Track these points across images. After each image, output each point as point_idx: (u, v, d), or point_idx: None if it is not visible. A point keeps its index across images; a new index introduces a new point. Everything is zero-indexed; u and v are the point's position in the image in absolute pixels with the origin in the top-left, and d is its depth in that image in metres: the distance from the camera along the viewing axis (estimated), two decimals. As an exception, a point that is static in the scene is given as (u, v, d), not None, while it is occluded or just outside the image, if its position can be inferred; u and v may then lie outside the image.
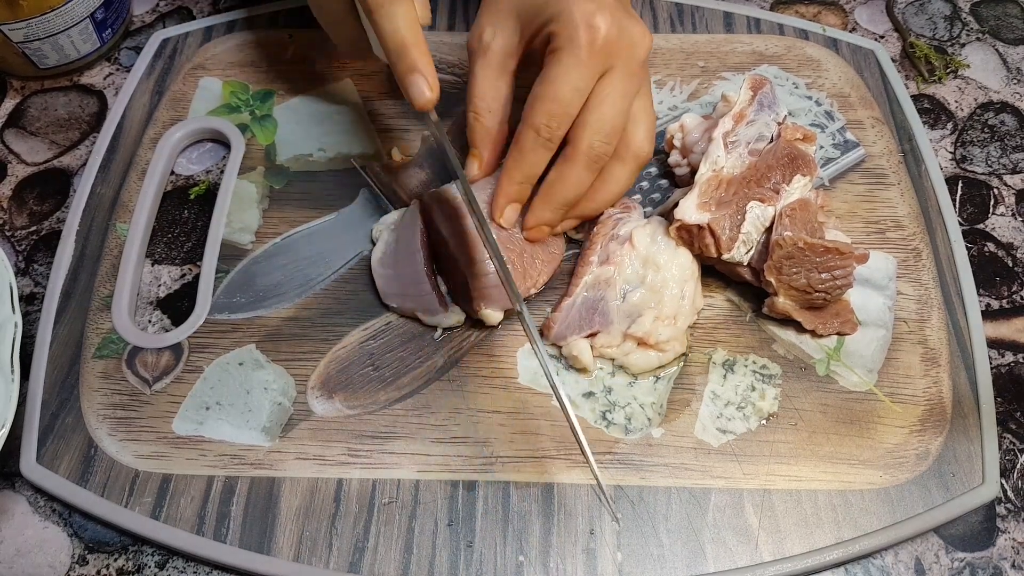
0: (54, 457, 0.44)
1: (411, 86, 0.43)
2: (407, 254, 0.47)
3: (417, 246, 0.46)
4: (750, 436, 0.44)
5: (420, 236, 0.47)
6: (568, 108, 0.43)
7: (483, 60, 0.45)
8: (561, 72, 0.42)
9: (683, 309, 0.45)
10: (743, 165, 0.47)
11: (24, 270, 0.52)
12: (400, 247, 0.48)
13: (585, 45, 0.41)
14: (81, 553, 0.43)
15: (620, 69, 0.43)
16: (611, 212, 0.48)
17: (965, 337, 0.47)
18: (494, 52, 0.44)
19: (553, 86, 0.42)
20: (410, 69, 0.43)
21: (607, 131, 0.43)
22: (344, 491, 0.43)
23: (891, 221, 0.51)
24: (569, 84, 0.42)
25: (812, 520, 0.42)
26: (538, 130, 0.43)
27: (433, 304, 0.46)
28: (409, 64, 0.43)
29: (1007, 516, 0.44)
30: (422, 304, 0.46)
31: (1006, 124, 0.58)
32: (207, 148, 0.56)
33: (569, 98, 0.42)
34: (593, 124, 0.43)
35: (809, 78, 0.57)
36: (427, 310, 0.46)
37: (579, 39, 0.41)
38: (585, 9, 0.42)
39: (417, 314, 0.47)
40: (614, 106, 0.43)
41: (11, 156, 0.57)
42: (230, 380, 0.46)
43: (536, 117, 0.43)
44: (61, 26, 0.56)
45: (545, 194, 0.45)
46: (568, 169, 0.44)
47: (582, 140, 0.43)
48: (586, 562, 0.41)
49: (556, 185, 0.45)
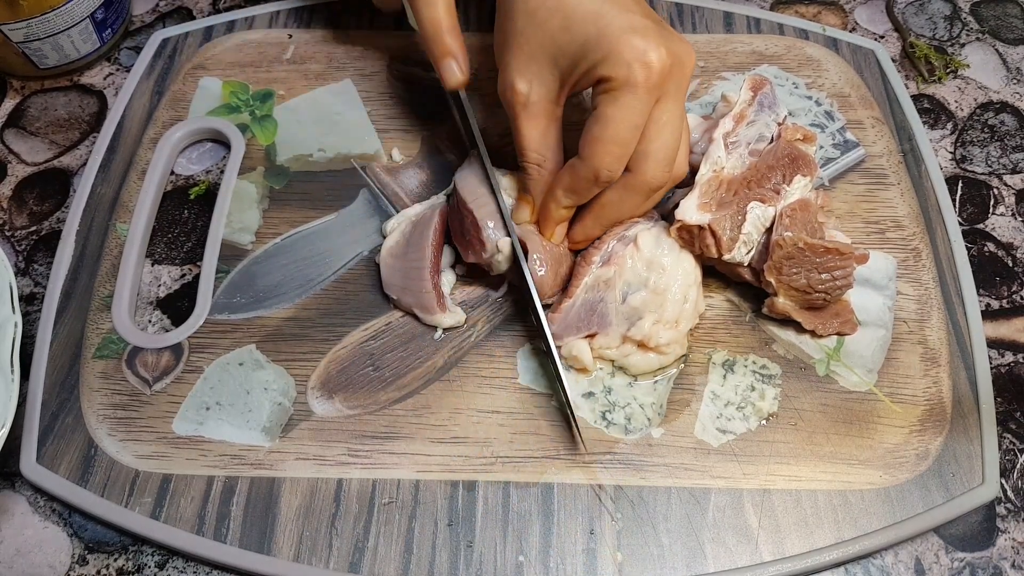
0: (54, 457, 0.44)
1: (444, 68, 0.47)
2: (417, 248, 0.47)
3: (428, 242, 0.47)
4: (750, 436, 0.44)
5: (434, 234, 0.47)
6: (628, 148, 0.42)
7: (526, 112, 0.43)
8: (619, 112, 0.40)
9: (685, 313, 0.45)
10: (743, 165, 0.47)
11: (24, 270, 0.52)
12: (413, 240, 0.48)
13: (642, 83, 0.40)
14: (81, 553, 0.43)
15: (672, 93, 0.42)
16: None
17: (965, 337, 0.47)
18: (535, 103, 0.43)
19: (612, 127, 0.41)
20: (444, 53, 0.47)
21: (669, 160, 0.43)
22: (344, 491, 0.43)
23: (891, 221, 0.51)
24: (629, 123, 0.41)
25: (812, 520, 0.42)
26: (599, 174, 0.42)
27: (431, 303, 0.46)
28: (444, 48, 0.47)
29: (1007, 516, 0.44)
30: (420, 301, 0.46)
31: (1006, 124, 0.58)
32: (207, 148, 0.56)
33: (630, 138, 0.41)
34: (655, 155, 0.42)
35: (809, 78, 0.57)
36: (424, 308, 0.46)
37: (635, 78, 0.40)
38: (634, 46, 0.40)
39: (415, 311, 0.47)
40: (673, 133, 0.43)
41: (11, 156, 0.57)
42: (230, 380, 0.46)
43: (597, 161, 0.41)
44: (61, 26, 0.56)
45: (597, 216, 0.45)
46: (627, 198, 0.44)
47: (646, 172, 0.43)
48: (586, 562, 0.41)
49: (610, 209, 0.45)
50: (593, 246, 0.47)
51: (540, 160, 0.44)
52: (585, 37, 0.41)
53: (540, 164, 0.44)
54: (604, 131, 0.41)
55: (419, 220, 0.49)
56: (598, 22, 0.41)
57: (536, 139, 0.44)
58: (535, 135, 0.44)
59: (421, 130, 0.55)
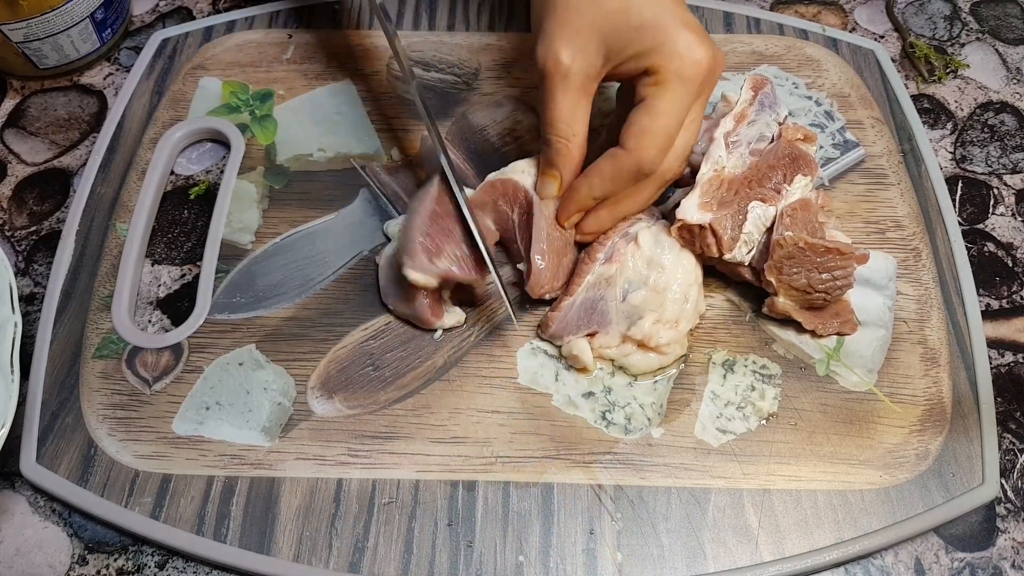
0: (54, 457, 0.44)
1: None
2: None
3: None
4: (750, 436, 0.44)
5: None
6: (672, 143, 0.42)
7: (564, 83, 0.42)
8: (670, 106, 0.41)
9: (685, 313, 0.45)
10: (744, 165, 0.47)
11: (24, 270, 0.52)
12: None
13: (692, 79, 0.40)
14: (81, 553, 0.43)
15: (705, 93, 0.43)
16: None
17: (965, 337, 0.47)
18: (575, 75, 0.42)
19: (663, 121, 0.41)
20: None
21: (685, 155, 0.44)
22: (344, 491, 0.43)
23: (891, 221, 0.51)
24: (677, 118, 0.41)
25: (812, 520, 0.42)
26: (641, 166, 0.42)
27: (426, 315, 0.46)
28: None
29: (1007, 516, 0.44)
30: (415, 312, 0.46)
31: (1006, 124, 0.58)
32: (207, 148, 0.56)
33: (675, 133, 0.42)
34: (676, 150, 0.43)
35: (809, 78, 0.57)
36: (420, 320, 0.46)
37: (687, 73, 0.40)
38: (690, 42, 0.40)
39: (412, 320, 0.47)
40: (695, 133, 0.44)
41: (11, 156, 0.57)
42: (230, 380, 0.46)
43: (644, 151, 0.41)
44: (61, 26, 0.56)
45: (613, 207, 0.45)
46: (644, 189, 0.44)
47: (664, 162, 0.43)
48: (586, 562, 0.41)
49: (627, 201, 0.45)
50: (598, 242, 0.47)
51: (570, 134, 0.44)
52: (642, 21, 0.40)
53: (569, 139, 0.44)
54: (654, 123, 0.41)
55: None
56: (656, 10, 0.41)
57: (568, 112, 0.43)
58: (567, 108, 0.43)
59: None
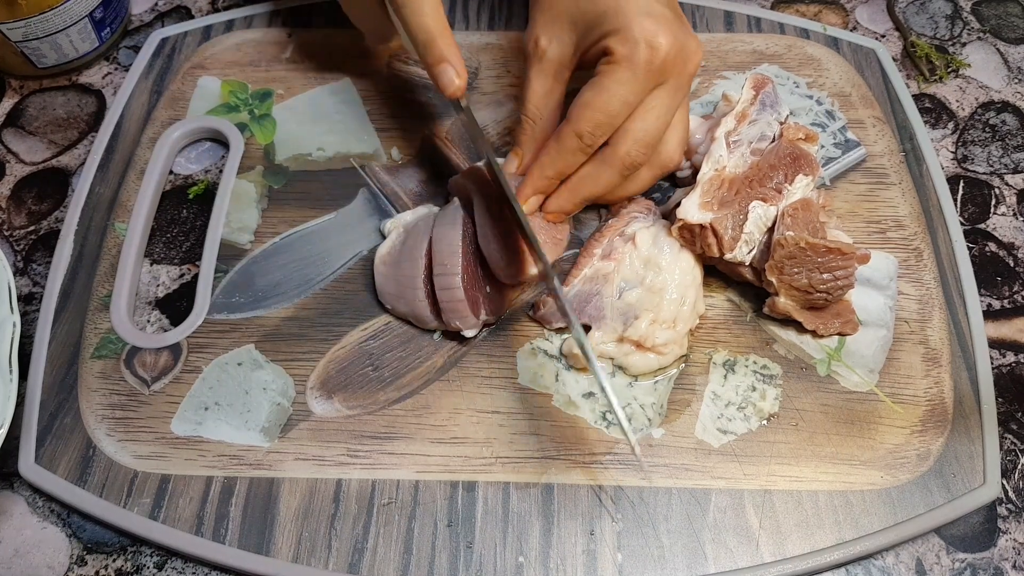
0: (52, 457, 0.44)
1: (441, 75, 0.45)
2: (410, 258, 0.46)
3: (422, 252, 0.46)
4: (751, 436, 0.44)
5: (428, 243, 0.46)
6: (615, 120, 0.43)
7: (539, 66, 0.45)
8: (615, 85, 0.42)
9: (683, 314, 0.45)
10: (745, 164, 0.47)
11: (22, 270, 0.52)
12: (405, 249, 0.47)
13: (643, 63, 0.42)
14: (80, 554, 0.43)
15: (671, 83, 0.43)
16: (630, 209, 0.48)
17: (966, 337, 0.47)
18: (550, 60, 0.45)
19: (604, 97, 0.42)
20: (438, 59, 0.45)
21: (647, 142, 0.44)
22: (343, 492, 0.43)
23: (892, 221, 0.51)
24: (621, 98, 0.42)
25: (813, 521, 0.42)
26: (581, 136, 0.43)
27: (425, 312, 0.46)
28: (437, 55, 0.45)
29: (1008, 517, 0.44)
30: (414, 311, 0.46)
31: (1007, 124, 0.58)
32: (206, 147, 0.56)
33: (618, 111, 0.43)
34: (635, 133, 0.44)
35: (810, 77, 0.57)
36: (419, 318, 0.46)
37: (638, 57, 0.41)
38: (646, 27, 0.42)
39: (410, 319, 0.47)
40: (659, 119, 0.44)
41: (9, 155, 0.57)
42: (229, 380, 0.46)
43: (582, 124, 0.43)
44: (60, 25, 0.56)
45: (573, 188, 0.46)
46: (602, 171, 0.45)
47: (621, 147, 0.44)
48: (586, 563, 0.41)
49: (586, 182, 0.46)
50: (594, 239, 0.47)
51: (536, 115, 0.46)
52: (605, 8, 0.42)
53: (535, 119, 0.46)
54: (595, 98, 0.43)
55: (412, 229, 0.48)
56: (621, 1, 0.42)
57: (539, 95, 0.45)
58: (540, 90, 0.45)
59: (421, 129, 0.55)
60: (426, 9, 0.45)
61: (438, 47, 0.45)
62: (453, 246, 0.45)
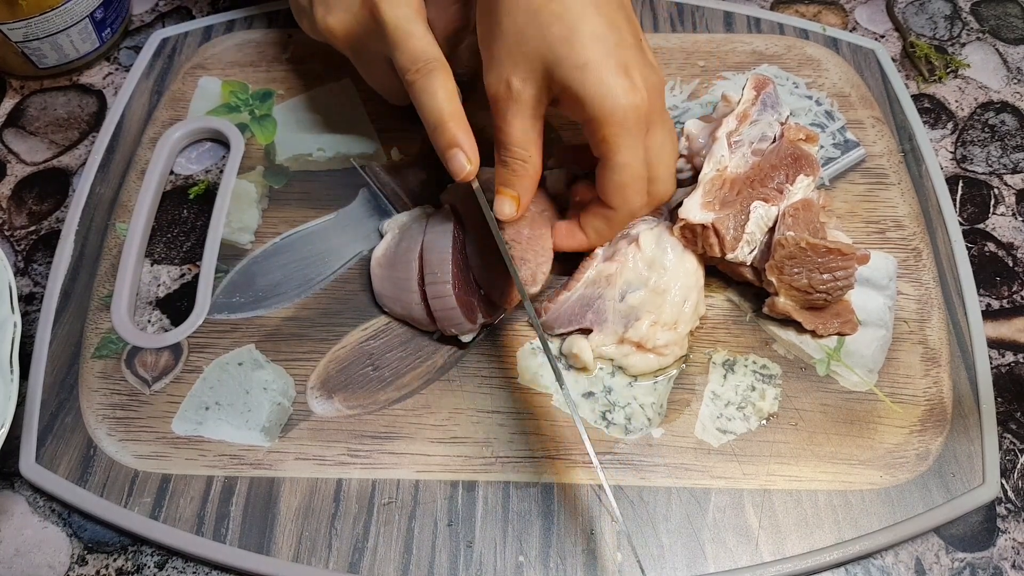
0: (53, 457, 0.44)
1: (451, 160, 0.44)
2: (405, 260, 0.46)
3: (415, 255, 0.46)
4: (750, 436, 0.44)
5: (420, 247, 0.46)
6: (645, 179, 0.44)
7: (516, 107, 0.44)
8: (627, 158, 0.43)
9: (684, 315, 0.45)
10: (746, 165, 0.47)
11: (23, 270, 0.52)
12: (400, 251, 0.47)
13: (634, 127, 0.42)
14: (80, 553, 0.43)
15: (657, 120, 0.44)
16: None
17: (965, 337, 0.47)
18: (526, 102, 0.44)
19: (629, 172, 0.43)
20: (449, 144, 0.44)
21: (673, 175, 0.46)
22: (344, 491, 0.43)
23: (891, 221, 0.51)
24: (639, 161, 0.43)
25: (812, 520, 0.42)
26: (634, 214, 0.45)
27: (421, 315, 0.46)
28: (449, 139, 0.44)
29: (1007, 516, 0.44)
30: (410, 313, 0.46)
31: (1006, 124, 0.58)
32: (206, 148, 0.56)
33: (644, 172, 0.44)
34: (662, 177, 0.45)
35: (809, 78, 0.57)
36: (416, 320, 0.46)
37: (631, 123, 0.42)
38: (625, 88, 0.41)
39: (407, 321, 0.47)
40: (671, 153, 0.45)
41: (10, 156, 0.57)
42: (229, 380, 0.46)
43: (630, 204, 0.45)
44: (60, 25, 0.56)
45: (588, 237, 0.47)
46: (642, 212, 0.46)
47: (656, 193, 0.46)
48: (586, 562, 0.41)
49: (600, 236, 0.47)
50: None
51: (524, 155, 0.45)
52: (586, 61, 0.41)
53: (524, 159, 0.45)
54: (623, 177, 0.43)
55: (406, 231, 0.48)
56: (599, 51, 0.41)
57: (522, 135, 0.45)
58: (521, 131, 0.44)
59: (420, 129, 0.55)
60: (439, 92, 0.44)
61: (449, 131, 0.44)
62: (443, 253, 0.45)
